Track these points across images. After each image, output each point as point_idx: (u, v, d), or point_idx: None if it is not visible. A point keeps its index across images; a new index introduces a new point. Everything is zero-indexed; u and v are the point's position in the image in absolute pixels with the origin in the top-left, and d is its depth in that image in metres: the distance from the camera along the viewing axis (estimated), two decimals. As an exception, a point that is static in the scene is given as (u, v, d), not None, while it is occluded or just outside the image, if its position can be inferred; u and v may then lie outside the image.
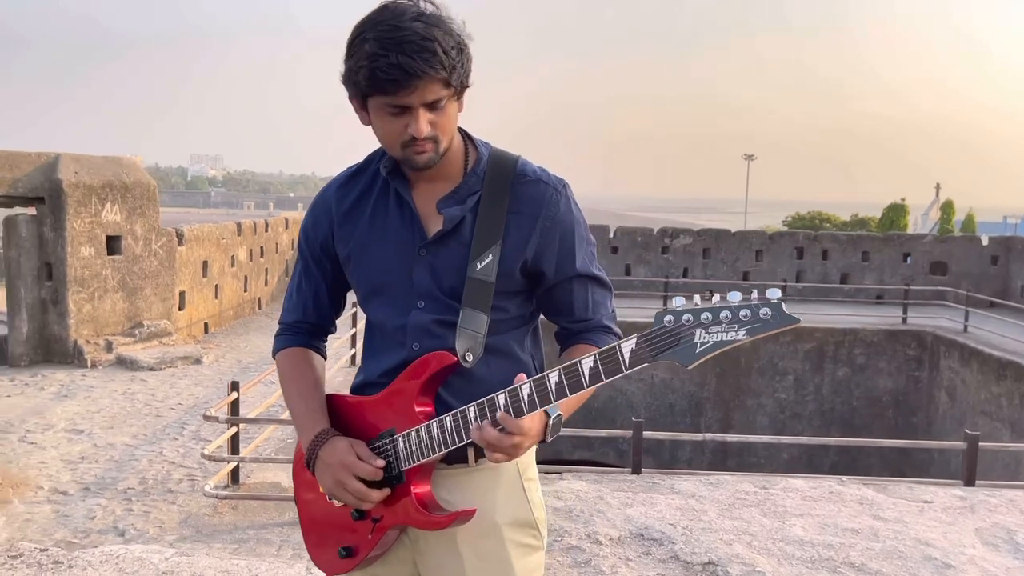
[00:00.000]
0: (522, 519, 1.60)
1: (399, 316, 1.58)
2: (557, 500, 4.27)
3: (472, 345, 1.53)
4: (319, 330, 1.75)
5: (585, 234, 1.64)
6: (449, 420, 1.46)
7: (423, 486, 1.54)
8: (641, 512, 4.20)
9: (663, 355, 1.28)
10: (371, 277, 1.61)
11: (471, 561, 1.57)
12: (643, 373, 16.05)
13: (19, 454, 7.25)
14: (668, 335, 1.27)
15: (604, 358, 1.33)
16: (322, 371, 1.72)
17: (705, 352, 1.25)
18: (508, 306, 1.59)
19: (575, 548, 3.78)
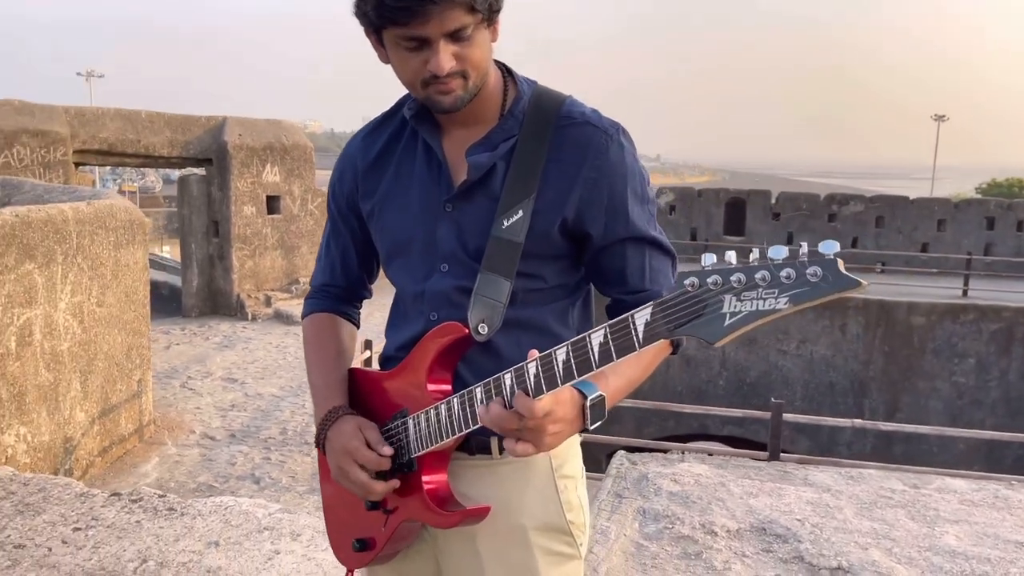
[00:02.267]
0: (553, 523, 1.37)
1: (419, 281, 1.38)
2: (674, 484, 3.98)
3: (489, 315, 1.30)
4: (349, 294, 1.58)
5: (642, 189, 1.35)
6: (456, 402, 1.25)
7: (436, 477, 1.34)
8: (766, 504, 3.83)
9: (684, 328, 0.99)
10: (393, 236, 1.41)
11: (492, 568, 1.36)
12: (801, 348, 15.15)
13: (179, 399, 7.77)
14: (690, 303, 0.99)
15: (615, 332, 1.06)
16: (350, 340, 1.55)
17: (736, 325, 0.95)
18: (544, 273, 1.35)
19: (686, 538, 3.49)
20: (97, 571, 2.99)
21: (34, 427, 4.97)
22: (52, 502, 3.53)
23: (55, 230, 5.08)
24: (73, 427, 5.39)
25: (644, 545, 3.42)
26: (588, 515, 1.43)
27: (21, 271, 4.79)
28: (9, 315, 4.71)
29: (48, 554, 3.11)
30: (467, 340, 1.30)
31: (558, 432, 1.13)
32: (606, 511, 3.68)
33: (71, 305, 5.31)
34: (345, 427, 1.36)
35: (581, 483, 1.43)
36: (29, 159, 8.91)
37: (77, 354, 5.41)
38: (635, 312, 1.04)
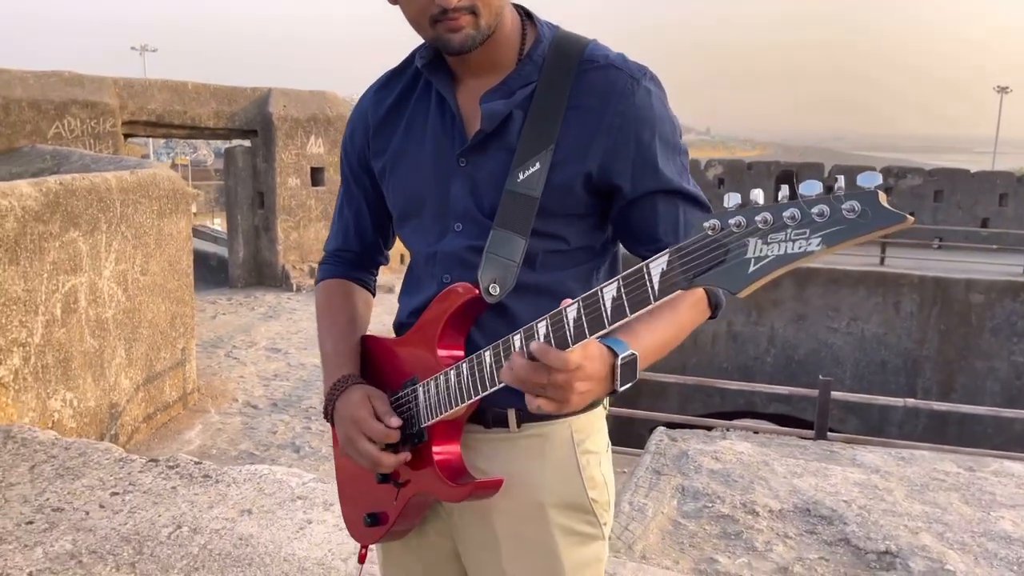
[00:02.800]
0: (573, 501, 1.28)
1: (432, 242, 1.30)
2: (715, 462, 3.87)
3: (501, 276, 1.21)
4: (364, 260, 1.50)
5: (673, 137, 1.24)
6: (465, 367, 1.17)
7: (448, 448, 1.26)
8: (811, 484, 3.70)
9: (704, 277, 0.89)
10: (404, 195, 1.33)
11: (508, 547, 1.29)
12: (851, 326, 14.77)
13: (223, 368, 7.87)
14: (711, 249, 0.88)
15: (629, 284, 0.96)
16: (364, 308, 1.48)
17: (762, 272, 0.84)
18: (566, 233, 1.25)
19: (726, 517, 3.39)
20: (132, 535, 3.01)
21: (80, 393, 5.05)
22: (92, 466, 3.57)
23: (99, 198, 5.12)
24: (118, 393, 5.47)
25: (682, 523, 3.32)
26: (613, 493, 1.35)
27: (66, 239, 4.84)
28: (54, 282, 4.77)
29: (85, 517, 3.14)
30: (478, 302, 1.22)
31: (586, 391, 1.03)
32: (644, 488, 3.59)
33: (115, 273, 5.36)
34: (353, 396, 1.29)
35: (606, 459, 1.34)
36: (80, 130, 9.04)
37: (122, 322, 5.47)
38: (651, 261, 0.94)
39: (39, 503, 3.23)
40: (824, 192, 0.81)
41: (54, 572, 2.76)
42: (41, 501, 3.25)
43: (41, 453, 3.68)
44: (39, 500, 3.26)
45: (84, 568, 2.79)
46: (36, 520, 3.11)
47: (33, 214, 4.55)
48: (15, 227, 4.41)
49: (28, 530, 3.03)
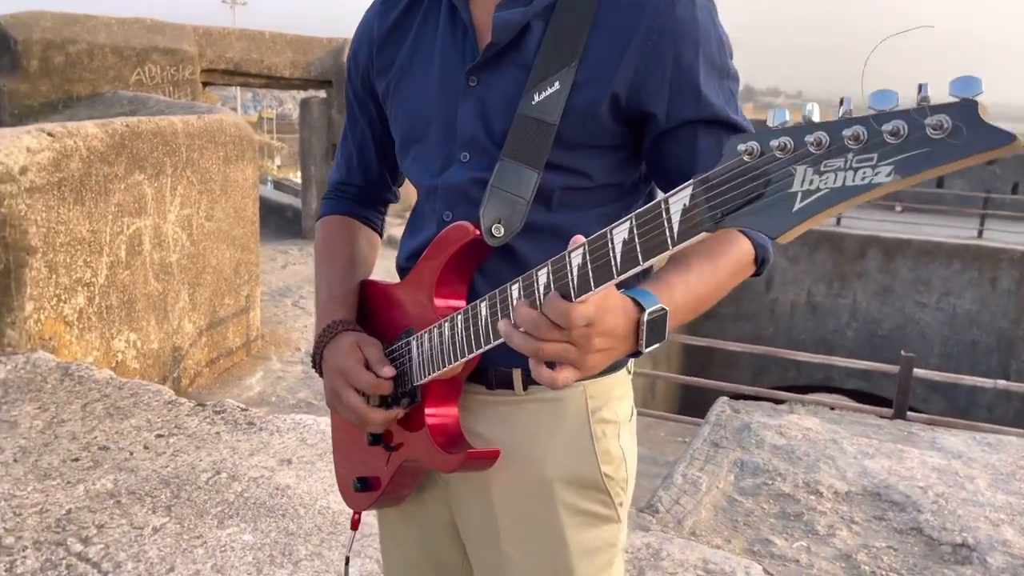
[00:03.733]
0: (584, 477, 1.11)
1: (434, 174, 1.13)
2: (779, 437, 3.63)
3: (507, 215, 1.04)
4: (368, 195, 1.35)
5: (720, 57, 1.04)
6: (460, 320, 1.01)
7: (442, 411, 1.11)
8: (883, 467, 3.44)
9: (735, 216, 0.69)
10: (407, 118, 1.16)
11: (508, 525, 1.13)
12: (942, 302, 14.00)
13: (289, 317, 7.93)
14: (746, 179, 0.68)
15: (644, 224, 0.78)
16: (368, 249, 1.32)
17: (811, 210, 0.64)
18: (589, 167, 1.07)
19: (786, 496, 3.16)
20: (172, 478, 2.99)
21: (143, 335, 5.12)
22: (141, 407, 3.58)
23: (164, 142, 5.12)
24: (181, 337, 5.54)
25: (738, 500, 3.12)
26: (632, 470, 1.17)
27: (131, 181, 4.86)
28: (119, 224, 4.80)
29: (129, 458, 3.14)
30: (480, 245, 1.05)
31: (606, 350, 0.85)
32: (699, 460, 3.39)
33: (180, 218, 5.39)
34: (342, 343, 1.14)
35: (626, 430, 1.16)
36: (160, 77, 9.16)
37: (186, 266, 5.51)
38: (670, 195, 0.75)
39: (87, 441, 3.25)
40: (900, 106, 0.59)
41: (92, 510, 2.76)
42: (89, 439, 3.27)
43: (95, 392, 3.71)
44: (87, 438, 3.27)
45: (121, 508, 2.78)
46: (82, 458, 3.12)
47: (99, 155, 4.57)
48: (80, 167, 4.43)
49: (73, 467, 3.05)
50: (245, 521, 2.73)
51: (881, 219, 15.53)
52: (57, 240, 4.32)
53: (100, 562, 2.48)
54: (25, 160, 4.09)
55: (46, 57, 8.34)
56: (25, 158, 4.09)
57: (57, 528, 2.65)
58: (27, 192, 4.09)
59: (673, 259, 0.98)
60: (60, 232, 4.33)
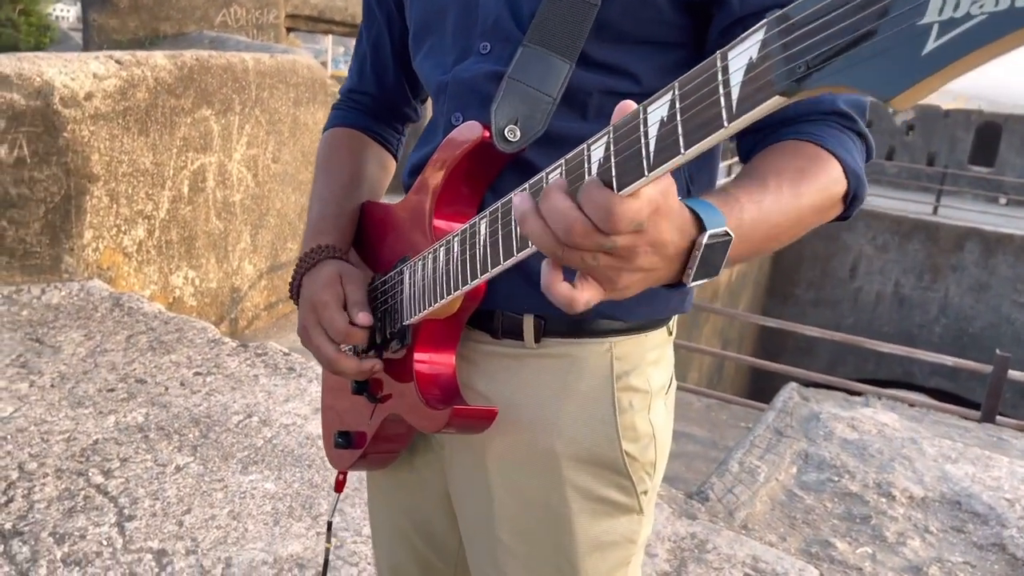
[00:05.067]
0: (600, 454, 0.90)
1: (447, 68, 0.92)
2: (850, 430, 3.33)
3: (527, 114, 0.82)
4: (383, 107, 1.15)
5: None
6: (456, 243, 0.79)
7: (436, 358, 0.91)
8: (967, 473, 3.11)
9: (826, 71, 0.45)
10: (422, 4, 0.95)
11: (505, 506, 0.93)
12: (1043, 303, 13.11)
13: (354, 267, 7.91)
14: (848, 7, 0.44)
15: (690, 92, 0.54)
16: (377, 169, 1.12)
17: (954, 52, 0.39)
18: (637, 67, 0.84)
19: (853, 496, 2.88)
20: (202, 417, 2.90)
21: (202, 272, 5.10)
22: (184, 344, 3.51)
23: (234, 78, 5.04)
24: (240, 278, 5.51)
25: (798, 495, 2.85)
26: (664, 452, 0.95)
27: (197, 116, 4.80)
28: (183, 159, 4.75)
29: (163, 393, 3.06)
30: (489, 151, 0.84)
31: (648, 270, 0.62)
32: (759, 448, 3.13)
33: (246, 157, 5.32)
34: (321, 274, 0.95)
35: (660, 403, 0.93)
36: (244, 20, 9.16)
37: (249, 207, 5.46)
38: (731, 47, 0.51)
39: (125, 372, 3.19)
40: None
41: (119, 443, 2.69)
42: (127, 371, 3.21)
43: (142, 324, 3.67)
44: (126, 370, 3.22)
45: (148, 444, 2.70)
46: (117, 389, 3.06)
47: (166, 86, 4.50)
48: (147, 98, 4.38)
49: (108, 397, 2.99)
50: (270, 469, 2.62)
51: (983, 210, 14.62)
52: (119, 170, 4.29)
53: (118, 496, 2.40)
54: (91, 86, 4.04)
55: (136, -7, 8.41)
56: (91, 84, 4.04)
57: (81, 457, 2.58)
58: (91, 119, 4.05)
59: (744, 172, 0.75)
60: (123, 162, 4.30)
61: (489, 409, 0.86)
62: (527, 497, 0.92)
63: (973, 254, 13.34)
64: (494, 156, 0.84)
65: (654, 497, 0.97)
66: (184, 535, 2.26)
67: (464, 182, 0.87)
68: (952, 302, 13.53)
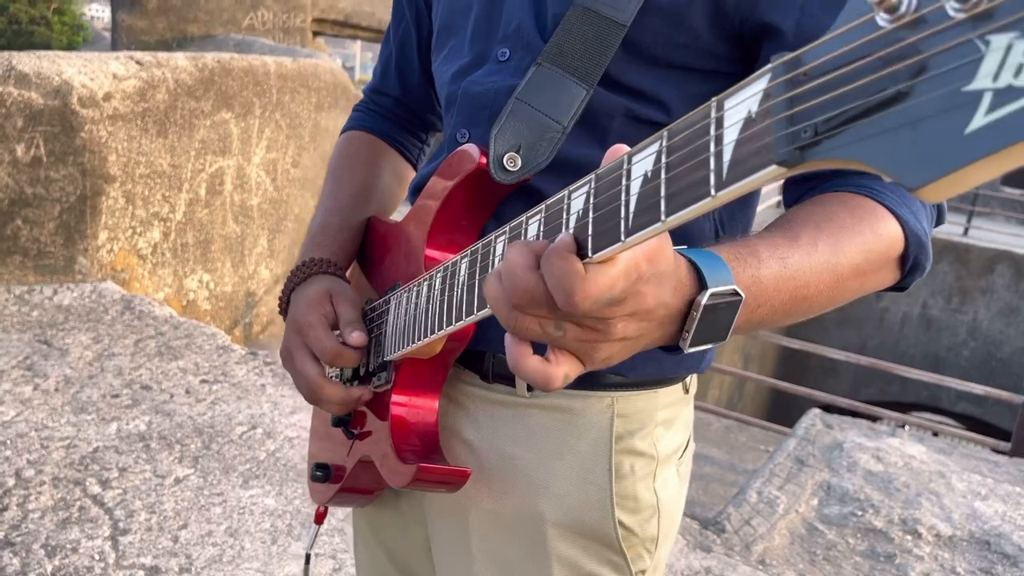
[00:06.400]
0: (588, 525, 0.80)
1: (460, 76, 0.84)
2: (875, 462, 3.20)
3: (531, 141, 0.73)
4: (405, 111, 1.07)
5: None
6: (438, 279, 0.71)
7: (416, 401, 0.83)
8: (997, 511, 2.97)
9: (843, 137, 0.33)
10: (447, 4, 0.88)
11: (484, 568, 0.84)
12: (1075, 330, 12.80)
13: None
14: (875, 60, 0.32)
15: (677, 145, 0.44)
16: (392, 179, 1.04)
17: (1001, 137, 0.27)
18: (666, 93, 0.75)
19: (878, 532, 2.76)
20: (206, 428, 2.83)
21: (217, 276, 5.06)
22: (192, 350, 3.46)
23: (255, 81, 5.00)
24: (256, 283, 5.46)
25: (819, 529, 2.73)
26: (670, 528, 0.84)
27: (217, 118, 4.76)
28: (201, 161, 4.72)
29: (168, 401, 3.00)
30: (486, 180, 0.75)
31: (632, 338, 0.53)
32: (780, 478, 3.01)
33: (265, 161, 5.28)
34: (310, 290, 0.87)
35: (669, 471, 0.83)
36: (271, 23, 9.18)
37: (267, 211, 5.42)
38: (727, 95, 0.41)
39: (131, 378, 3.14)
40: None
41: (119, 451, 2.63)
42: (133, 376, 3.15)
43: (151, 328, 3.62)
44: (132, 375, 3.16)
45: (148, 453, 2.64)
46: (122, 395, 3.01)
47: (186, 88, 4.47)
48: (166, 99, 4.34)
49: (111, 403, 2.93)
50: (271, 484, 2.54)
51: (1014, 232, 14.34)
52: (136, 171, 4.25)
53: (113, 508, 2.34)
54: (110, 86, 4.01)
55: (164, -5, 8.45)
56: (111, 84, 4.01)
57: (80, 466, 2.52)
58: (109, 119, 4.01)
59: (775, 223, 0.65)
60: (140, 163, 4.26)
61: (460, 471, 0.76)
62: (506, 564, 0.82)
63: (1004, 277, 13.06)
64: (492, 184, 0.75)
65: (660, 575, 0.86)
66: (179, 551, 2.18)
67: (461, 210, 0.79)
68: (981, 326, 13.24)
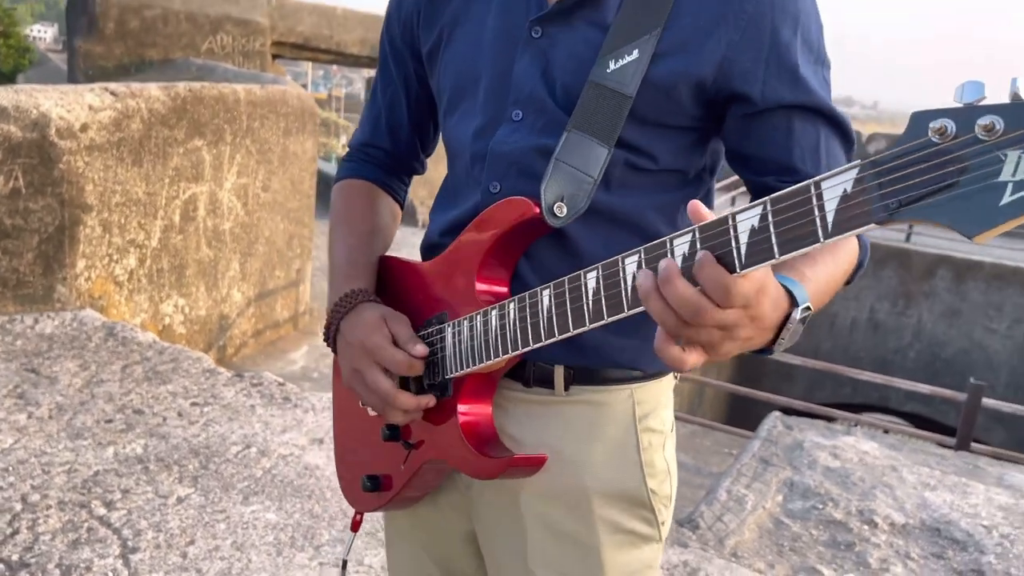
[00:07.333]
0: (628, 491, 0.99)
1: (480, 136, 1.00)
2: (833, 459, 3.43)
3: (572, 193, 0.91)
4: (395, 162, 1.22)
5: (818, 39, 0.93)
6: (513, 308, 0.88)
7: (477, 408, 0.99)
8: (946, 500, 3.22)
9: (916, 208, 0.57)
10: (457, 70, 1.04)
11: (537, 540, 1.01)
12: (1013, 329, 13.40)
13: (339, 294, 7.94)
14: (937, 162, 0.57)
15: (783, 209, 0.65)
16: (390, 219, 1.20)
17: (1021, 208, 0.53)
18: (656, 147, 0.94)
19: (838, 524, 2.97)
20: (201, 448, 2.94)
21: (192, 300, 5.13)
22: (180, 374, 3.55)
23: (226, 109, 5.11)
24: (229, 306, 5.54)
25: (785, 523, 2.94)
26: (675, 485, 1.05)
27: (190, 146, 4.85)
28: (175, 188, 4.80)
29: (161, 424, 3.10)
30: (537, 225, 0.92)
31: (747, 339, 0.72)
32: (746, 477, 3.21)
33: (236, 186, 5.38)
34: (366, 316, 1.01)
35: (670, 442, 1.05)
36: (231, 47, 9.23)
37: (239, 235, 5.51)
38: (824, 178, 0.62)
39: (122, 403, 3.22)
40: None
41: (119, 474, 2.72)
42: (124, 401, 3.24)
43: (136, 354, 3.70)
44: (123, 400, 3.25)
45: (148, 475, 2.74)
46: (115, 420, 3.09)
47: (159, 117, 4.56)
48: (140, 129, 4.43)
49: (106, 428, 3.02)
50: (271, 499, 2.66)
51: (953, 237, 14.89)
52: (113, 200, 4.33)
53: (121, 528, 2.44)
54: (87, 117, 4.09)
55: (122, 20, 8.46)
56: (87, 115, 4.09)
57: (83, 489, 2.61)
58: (86, 150, 4.09)
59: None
60: (116, 192, 4.34)
61: (540, 457, 0.94)
62: (559, 531, 0.99)
63: (945, 280, 13.63)
64: (539, 228, 0.92)
65: (669, 525, 1.06)
66: (189, 567, 2.29)
67: (506, 250, 0.95)
68: (925, 328, 13.79)
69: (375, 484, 1.09)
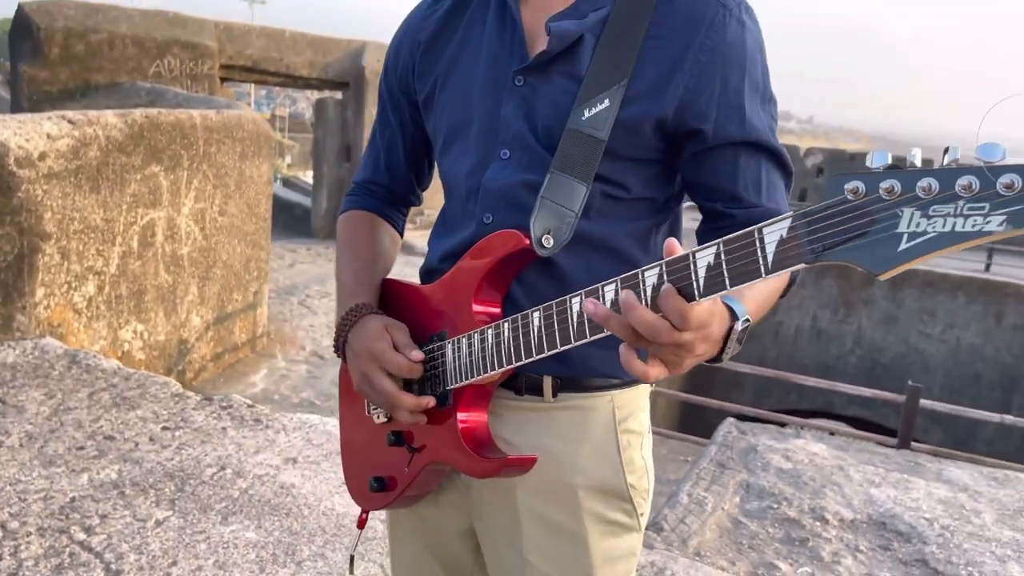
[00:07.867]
0: (610, 485, 1.13)
1: (473, 172, 1.13)
2: (785, 461, 3.62)
3: (556, 226, 1.05)
4: (393, 196, 1.36)
5: (764, 83, 1.08)
6: (507, 328, 1.01)
7: (474, 416, 1.12)
8: (889, 496, 3.42)
9: (837, 251, 0.72)
10: (450, 116, 1.17)
11: (531, 532, 1.13)
12: (946, 333, 13.98)
13: (295, 315, 7.94)
14: (850, 216, 0.72)
15: (733, 251, 0.79)
16: (391, 246, 1.33)
17: (917, 251, 0.68)
18: (627, 179, 1.09)
19: (792, 521, 3.15)
20: (176, 472, 2.98)
21: (151, 326, 5.12)
22: (148, 399, 3.57)
23: (182, 135, 5.13)
24: (188, 330, 5.54)
25: (743, 523, 3.10)
26: (652, 481, 1.18)
27: (147, 172, 4.87)
28: (133, 214, 4.81)
29: (134, 449, 3.13)
30: (527, 254, 1.05)
31: (702, 355, 0.87)
32: (705, 480, 3.38)
33: (194, 211, 5.40)
34: (371, 325, 1.14)
35: (647, 441, 1.19)
36: (179, 70, 9.20)
37: (196, 260, 5.52)
38: (765, 225, 0.77)
39: (92, 430, 3.24)
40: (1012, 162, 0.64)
41: (96, 500, 2.75)
42: (95, 428, 3.26)
43: (102, 381, 3.71)
44: (93, 427, 3.27)
45: (125, 499, 2.77)
46: (87, 446, 3.11)
47: (117, 144, 4.58)
48: (98, 156, 4.44)
49: (78, 455, 3.04)
50: (249, 519, 2.72)
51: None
52: (71, 227, 4.33)
53: (103, 552, 2.47)
54: (45, 146, 4.10)
55: (67, 45, 8.38)
56: (45, 144, 4.10)
57: (61, 515, 2.63)
58: (45, 178, 4.10)
59: None
60: (75, 219, 4.34)
61: (531, 457, 1.06)
62: (550, 523, 1.12)
63: (882, 288, 14.16)
64: (528, 257, 1.06)
65: (647, 517, 1.20)
66: (174, 586, 2.35)
67: (500, 275, 1.08)
68: (865, 335, 14.30)
69: (381, 485, 1.20)
